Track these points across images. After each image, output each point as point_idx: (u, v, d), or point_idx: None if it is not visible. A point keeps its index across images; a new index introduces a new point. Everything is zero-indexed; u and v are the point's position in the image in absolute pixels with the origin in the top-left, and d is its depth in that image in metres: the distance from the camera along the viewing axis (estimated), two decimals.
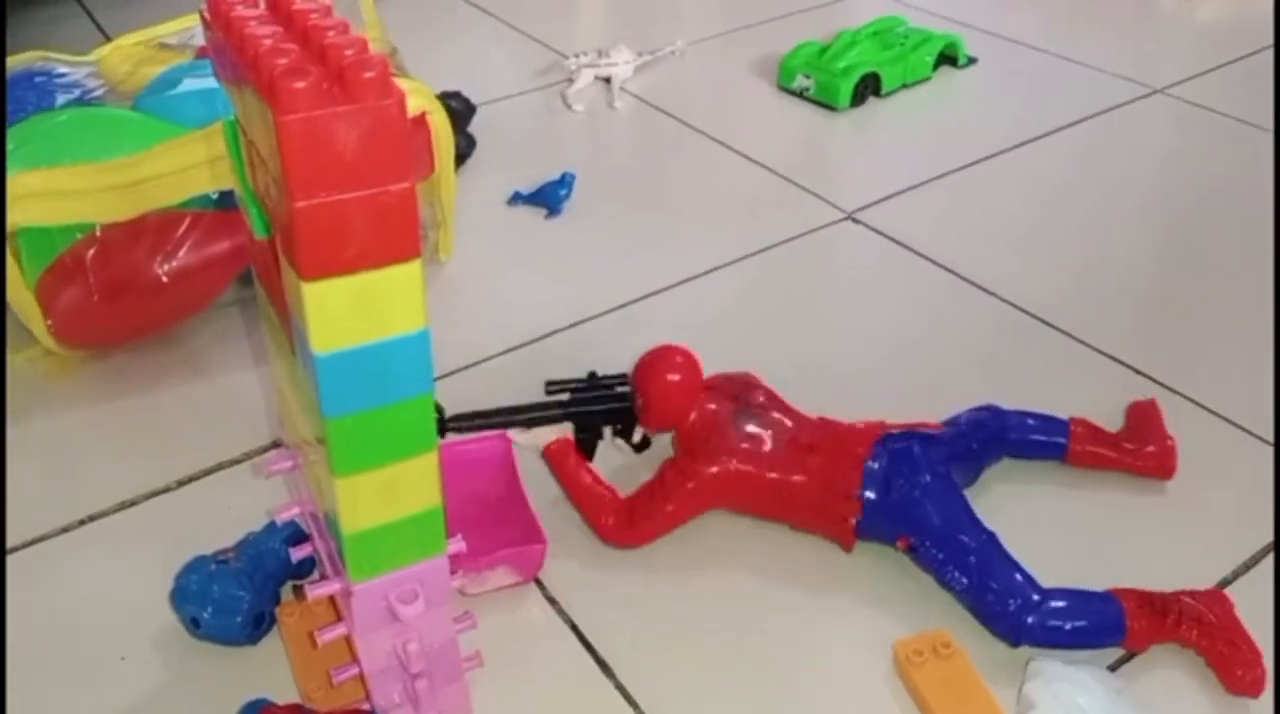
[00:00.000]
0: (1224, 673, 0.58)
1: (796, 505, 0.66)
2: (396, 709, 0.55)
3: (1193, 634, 0.59)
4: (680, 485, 0.65)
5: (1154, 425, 0.73)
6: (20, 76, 0.90)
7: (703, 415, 0.67)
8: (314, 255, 0.41)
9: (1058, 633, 0.59)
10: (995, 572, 0.61)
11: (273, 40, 0.40)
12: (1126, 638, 0.59)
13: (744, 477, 0.65)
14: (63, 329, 0.79)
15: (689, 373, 0.69)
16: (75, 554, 0.68)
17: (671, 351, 0.69)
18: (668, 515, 0.66)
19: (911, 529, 0.63)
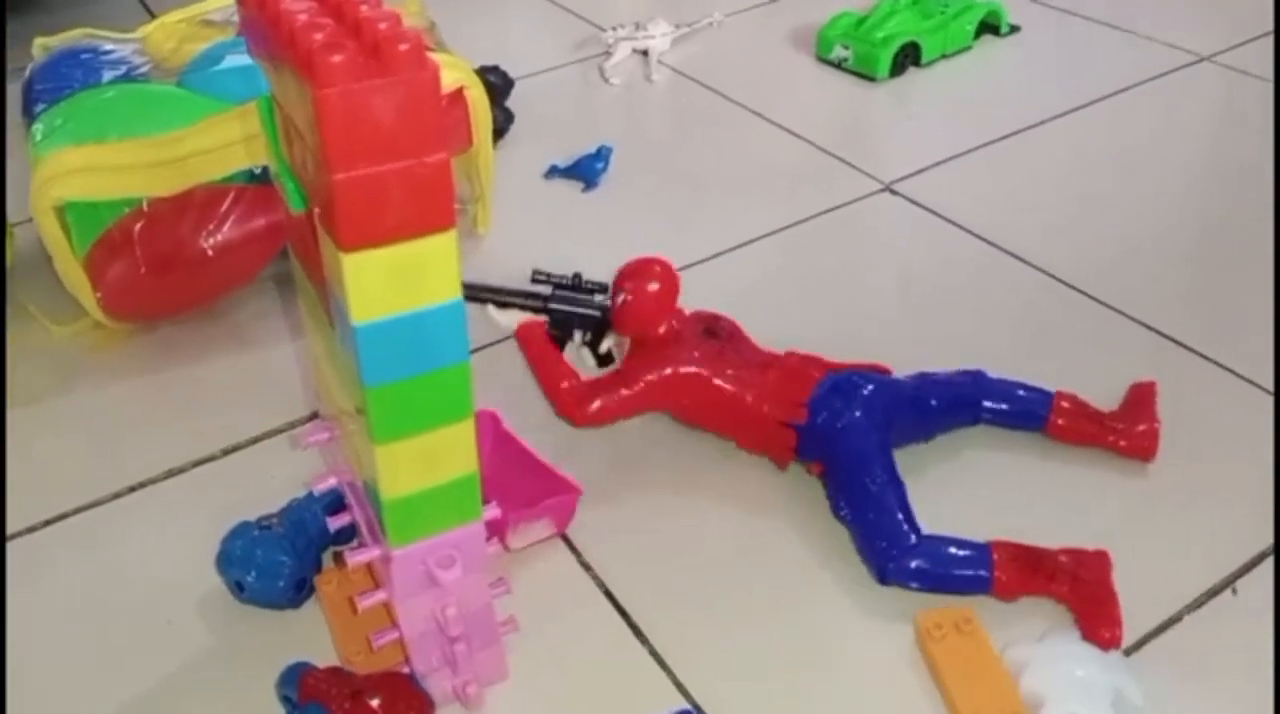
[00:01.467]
0: (1086, 629, 0.60)
1: (742, 417, 0.69)
2: (435, 673, 0.56)
3: (1064, 590, 0.61)
4: (640, 375, 0.69)
5: (1146, 407, 0.72)
6: (67, 54, 0.92)
7: (670, 328, 0.71)
8: (353, 227, 0.42)
9: (924, 575, 0.62)
10: (880, 512, 0.63)
11: (308, 16, 0.41)
12: (994, 587, 0.61)
13: (700, 379, 0.69)
14: (111, 302, 0.81)
15: (668, 284, 0.72)
16: (125, 520, 0.70)
17: (654, 262, 0.73)
18: (623, 399, 0.69)
19: (825, 457, 0.66)
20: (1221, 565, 0.64)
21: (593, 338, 0.76)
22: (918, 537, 0.62)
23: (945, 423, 0.72)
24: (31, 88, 0.90)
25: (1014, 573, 0.61)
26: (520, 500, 0.65)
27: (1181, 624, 0.61)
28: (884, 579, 0.62)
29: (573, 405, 0.69)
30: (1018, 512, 0.68)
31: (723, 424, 0.71)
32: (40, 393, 0.81)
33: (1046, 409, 0.71)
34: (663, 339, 0.71)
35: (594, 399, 0.69)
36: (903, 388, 0.70)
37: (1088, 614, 0.60)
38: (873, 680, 0.59)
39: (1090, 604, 0.61)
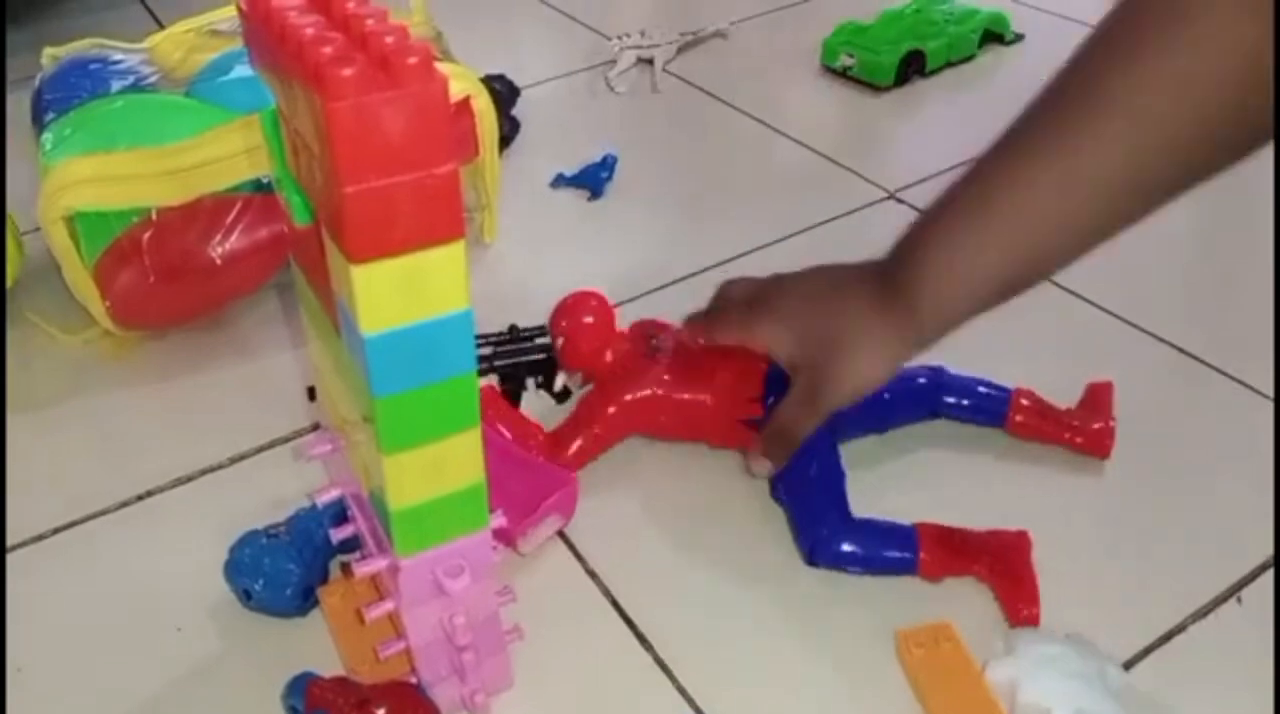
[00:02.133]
0: (1007, 607, 0.62)
1: (706, 422, 0.71)
2: (443, 682, 0.56)
3: (984, 570, 0.63)
4: (602, 410, 0.71)
5: (1102, 405, 0.73)
6: (75, 64, 0.93)
7: (617, 354, 0.73)
8: (362, 238, 0.42)
9: (851, 557, 0.64)
10: (811, 497, 0.66)
11: (315, 30, 0.41)
12: (919, 568, 0.64)
13: (657, 400, 0.71)
14: (120, 310, 0.81)
15: (602, 315, 0.74)
16: (133, 528, 0.70)
17: (586, 296, 0.75)
18: (594, 438, 0.71)
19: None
20: (1226, 574, 0.64)
21: (545, 380, 0.77)
22: (845, 521, 0.65)
23: (901, 416, 0.74)
24: (40, 97, 0.91)
25: (938, 554, 0.63)
26: (520, 500, 0.65)
27: (1186, 633, 0.61)
28: (812, 561, 0.65)
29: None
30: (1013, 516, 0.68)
31: (690, 432, 0.73)
32: (49, 400, 0.81)
33: (1005, 406, 0.73)
34: (611, 367, 0.73)
35: (566, 447, 0.71)
36: None
37: (1007, 593, 0.62)
38: (864, 694, 0.59)
39: (1009, 583, 0.63)
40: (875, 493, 0.68)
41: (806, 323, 0.63)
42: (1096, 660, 0.57)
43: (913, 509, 0.67)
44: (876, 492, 0.68)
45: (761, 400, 0.69)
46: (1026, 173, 0.55)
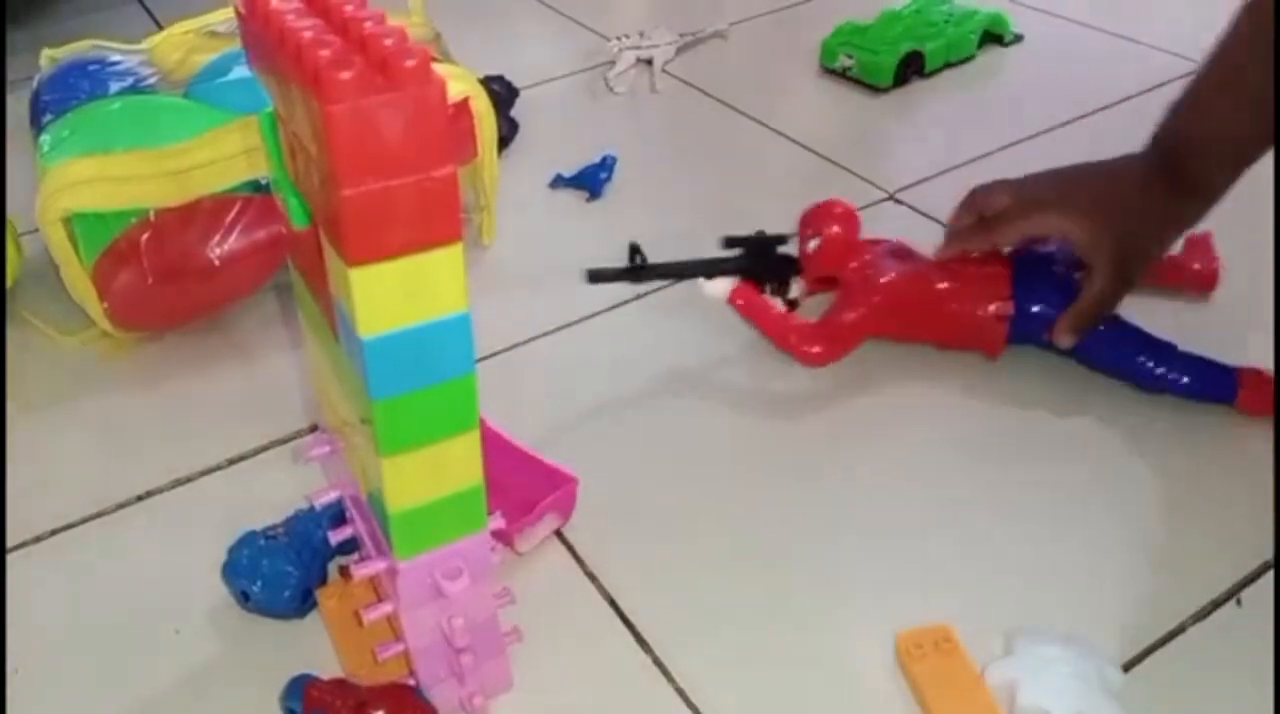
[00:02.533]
0: None
1: (956, 319, 0.76)
2: (441, 684, 0.56)
3: None
4: (860, 302, 0.76)
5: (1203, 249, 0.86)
6: (74, 65, 0.93)
7: (862, 261, 0.78)
8: (361, 241, 0.42)
9: (1180, 383, 0.73)
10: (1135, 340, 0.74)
11: (314, 32, 0.41)
12: (1238, 403, 0.73)
13: (913, 286, 0.76)
14: (118, 311, 0.81)
15: (850, 222, 0.78)
16: (132, 529, 0.70)
17: (832, 204, 0.79)
18: (854, 326, 0.77)
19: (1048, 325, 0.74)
20: (1226, 576, 0.64)
21: (781, 285, 0.80)
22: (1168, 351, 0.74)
23: None
24: (39, 99, 0.91)
25: (1258, 393, 0.72)
26: (519, 499, 0.65)
27: (1185, 635, 0.61)
28: (1159, 390, 0.74)
29: (817, 356, 0.77)
30: (1014, 516, 0.68)
31: (935, 331, 0.78)
32: (47, 402, 0.81)
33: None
34: (859, 272, 0.77)
35: (824, 338, 0.76)
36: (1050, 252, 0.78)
37: None
38: (864, 697, 0.59)
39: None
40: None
41: (1095, 204, 0.72)
42: (1095, 662, 0.57)
43: (908, 516, 0.67)
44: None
45: (1009, 296, 0.75)
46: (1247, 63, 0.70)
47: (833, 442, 0.75)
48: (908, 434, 0.75)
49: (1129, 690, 0.57)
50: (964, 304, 0.76)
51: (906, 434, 0.75)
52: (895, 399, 0.77)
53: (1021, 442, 0.74)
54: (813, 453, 0.74)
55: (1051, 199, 0.74)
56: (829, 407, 0.77)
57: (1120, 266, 0.71)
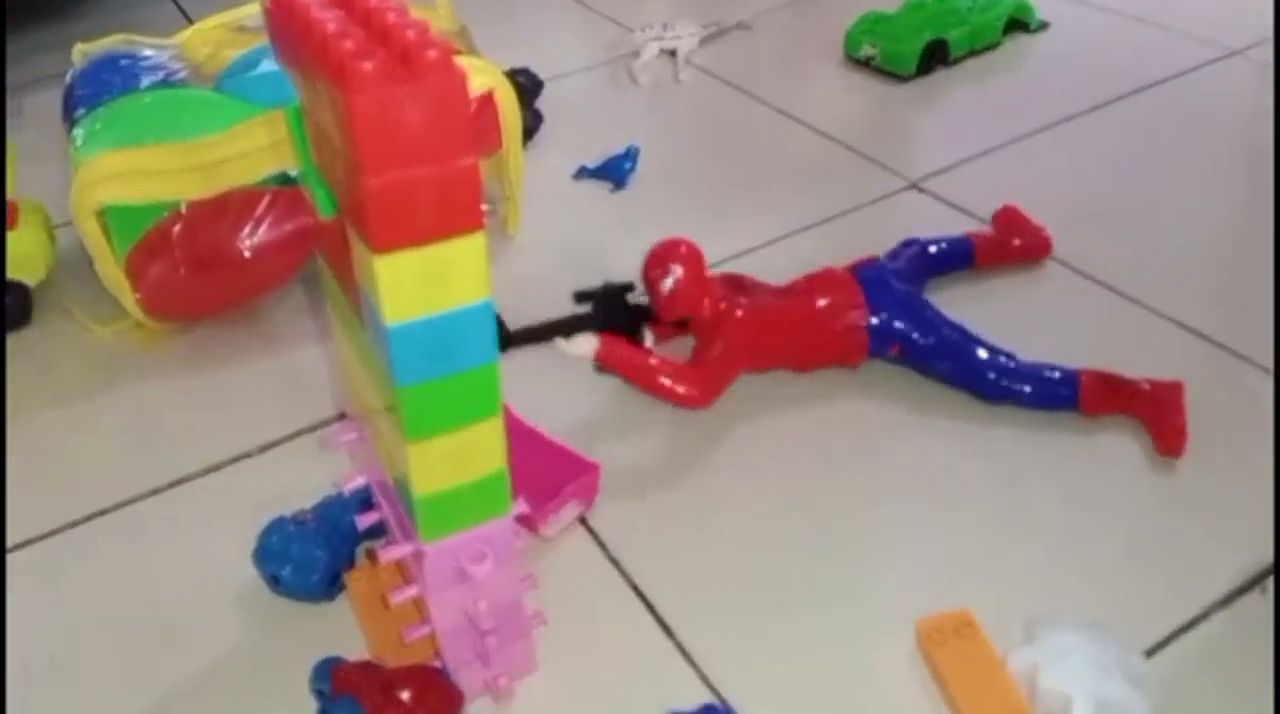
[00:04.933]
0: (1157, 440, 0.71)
1: (816, 334, 0.76)
2: (466, 666, 0.57)
3: (1139, 408, 0.72)
4: (723, 340, 0.74)
5: (1019, 222, 0.90)
6: (106, 60, 0.94)
7: (714, 298, 0.76)
8: (385, 230, 0.43)
9: (1021, 395, 0.73)
10: (976, 353, 0.74)
11: (337, 24, 0.42)
12: (1081, 405, 0.73)
13: (769, 319, 0.76)
14: (151, 302, 0.83)
15: (698, 262, 0.75)
16: (165, 515, 0.72)
17: (675, 243, 0.76)
18: (723, 368, 0.75)
19: (899, 338, 0.76)
20: (1249, 563, 0.64)
21: (631, 337, 0.78)
22: (1015, 361, 0.74)
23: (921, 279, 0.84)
24: (71, 93, 0.92)
25: (1098, 393, 0.72)
26: (543, 486, 0.66)
27: (1209, 621, 0.61)
28: (993, 399, 0.74)
29: (696, 399, 0.74)
30: (1038, 503, 0.68)
31: (797, 351, 0.78)
32: (82, 391, 0.83)
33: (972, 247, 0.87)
34: (714, 309, 0.75)
35: (700, 378, 0.74)
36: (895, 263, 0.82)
37: (1157, 429, 0.71)
38: (885, 683, 0.59)
39: (1161, 420, 0.71)
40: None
41: None
42: (1117, 648, 0.57)
43: (931, 503, 0.67)
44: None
45: (864, 304, 0.75)
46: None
47: (857, 433, 0.75)
48: (927, 428, 0.75)
49: (1151, 676, 0.57)
50: (822, 316, 0.76)
51: (926, 428, 0.75)
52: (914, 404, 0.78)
53: (1039, 431, 0.74)
54: (836, 442, 0.74)
55: None
56: (853, 401, 0.77)
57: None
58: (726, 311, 0.75)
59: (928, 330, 0.75)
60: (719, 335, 0.75)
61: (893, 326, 0.75)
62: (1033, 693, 0.56)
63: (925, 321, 0.76)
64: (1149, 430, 0.72)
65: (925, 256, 0.85)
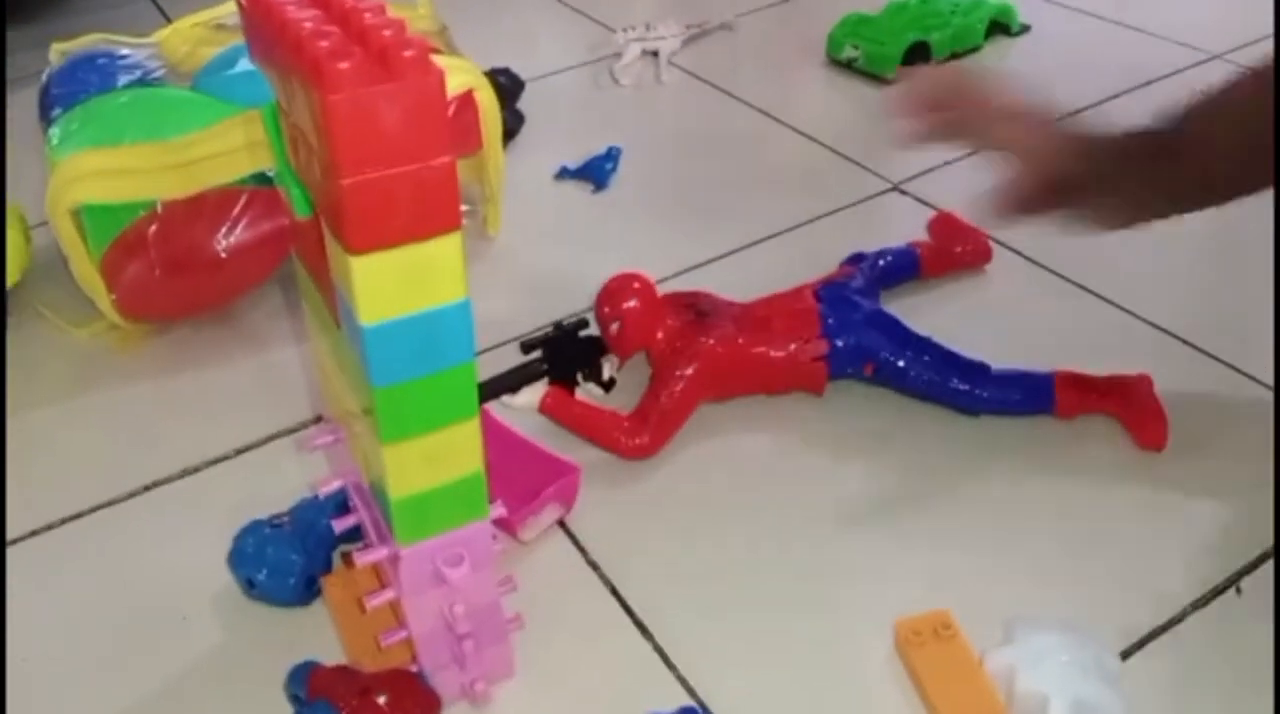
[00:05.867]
0: (1137, 435, 0.72)
1: (774, 369, 0.74)
2: (443, 670, 0.57)
3: (1114, 405, 0.73)
4: (674, 382, 0.73)
5: (959, 229, 0.90)
6: (83, 59, 0.93)
7: (668, 329, 0.75)
8: (361, 230, 0.43)
9: (1005, 402, 0.73)
10: (948, 364, 0.74)
11: (314, 24, 0.42)
12: (1056, 408, 0.73)
13: (725, 357, 0.74)
14: (126, 303, 0.82)
15: (647, 295, 0.76)
16: (140, 518, 0.71)
17: (628, 279, 0.76)
18: (672, 408, 0.73)
19: (869, 358, 0.74)
20: (1226, 564, 0.64)
21: (592, 370, 0.77)
22: (988, 370, 0.74)
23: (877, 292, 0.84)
24: (48, 92, 0.92)
25: (1072, 395, 0.73)
26: (523, 489, 0.66)
27: (1184, 623, 0.61)
28: (970, 410, 0.74)
29: (639, 450, 0.72)
30: (1016, 506, 0.68)
31: (756, 385, 0.76)
32: (57, 393, 0.82)
33: (918, 257, 0.87)
34: (666, 343, 0.75)
35: (648, 427, 0.72)
36: (854, 280, 0.81)
37: (1136, 422, 0.72)
38: (864, 685, 0.59)
39: (1138, 414, 0.72)
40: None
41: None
42: (1094, 649, 0.57)
43: (910, 505, 0.67)
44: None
45: (822, 337, 0.74)
46: None
47: (835, 436, 0.75)
48: (907, 432, 0.75)
49: (1127, 678, 0.57)
50: (779, 351, 0.74)
51: (905, 432, 0.75)
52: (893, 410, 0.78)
53: (1017, 439, 0.74)
54: (816, 446, 0.74)
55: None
56: (833, 407, 0.77)
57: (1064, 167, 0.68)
58: (683, 347, 0.74)
59: (899, 347, 0.74)
60: (672, 375, 0.73)
61: (862, 347, 0.74)
62: (1010, 694, 0.56)
63: (896, 339, 0.75)
64: (1127, 426, 0.72)
65: (875, 269, 0.85)
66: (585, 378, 0.77)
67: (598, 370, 0.77)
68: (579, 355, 0.77)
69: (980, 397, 0.73)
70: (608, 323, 0.75)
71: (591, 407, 0.74)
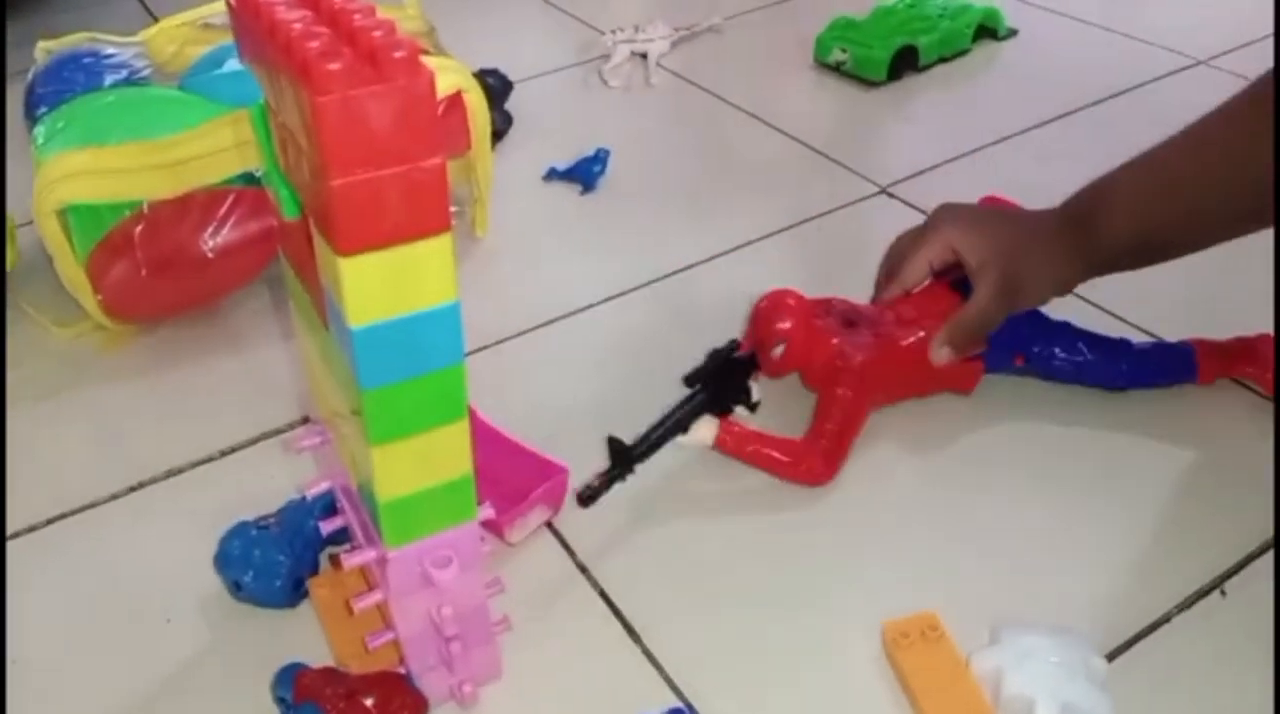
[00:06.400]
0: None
1: (933, 371, 0.73)
2: (431, 672, 0.56)
3: (1249, 369, 0.76)
4: (842, 405, 0.71)
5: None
6: (69, 58, 0.93)
7: (823, 345, 0.73)
8: (350, 231, 0.42)
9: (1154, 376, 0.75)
10: (1094, 348, 0.75)
11: (303, 25, 0.42)
12: (1199, 375, 0.75)
13: (886, 365, 0.73)
14: (112, 303, 0.82)
15: (804, 312, 0.73)
16: (125, 520, 0.71)
17: (782, 296, 0.74)
18: (844, 435, 0.71)
19: (1022, 350, 0.75)
20: (1210, 566, 0.65)
21: (745, 394, 0.73)
22: (1128, 346, 0.75)
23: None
24: (34, 91, 0.91)
25: (1211, 363, 0.75)
26: (510, 490, 0.66)
27: (1170, 625, 0.61)
28: (1124, 388, 0.75)
29: (819, 477, 0.70)
30: (1004, 507, 0.69)
31: (914, 388, 0.76)
32: (42, 393, 0.81)
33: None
34: (828, 363, 0.73)
35: (821, 452, 0.70)
36: None
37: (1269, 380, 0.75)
38: (851, 687, 0.59)
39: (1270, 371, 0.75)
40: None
41: (993, 227, 0.73)
42: (1080, 651, 0.57)
43: (897, 507, 0.67)
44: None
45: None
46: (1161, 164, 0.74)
47: None
48: (894, 434, 0.75)
49: (1113, 679, 0.57)
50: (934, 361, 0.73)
51: (893, 434, 0.75)
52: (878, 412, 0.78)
53: (1005, 441, 0.74)
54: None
55: (953, 217, 0.74)
56: None
57: (1004, 288, 0.70)
58: (843, 366, 0.72)
59: (1047, 337, 0.75)
60: (836, 395, 0.71)
61: (1016, 339, 0.74)
62: (997, 695, 0.57)
63: (1040, 328, 0.75)
64: (1261, 383, 0.76)
65: None
66: (735, 402, 0.73)
67: (748, 393, 0.73)
68: (736, 385, 0.73)
69: (1129, 373, 0.75)
70: (769, 345, 0.72)
71: (766, 437, 0.71)
